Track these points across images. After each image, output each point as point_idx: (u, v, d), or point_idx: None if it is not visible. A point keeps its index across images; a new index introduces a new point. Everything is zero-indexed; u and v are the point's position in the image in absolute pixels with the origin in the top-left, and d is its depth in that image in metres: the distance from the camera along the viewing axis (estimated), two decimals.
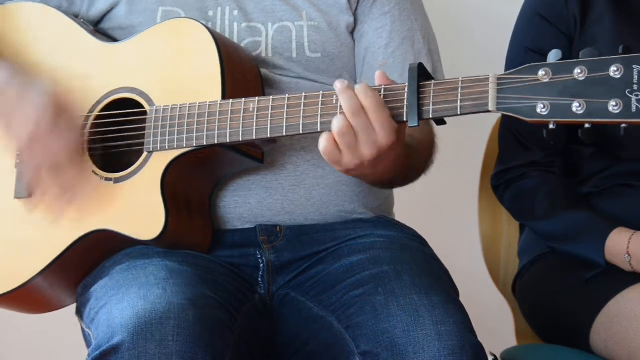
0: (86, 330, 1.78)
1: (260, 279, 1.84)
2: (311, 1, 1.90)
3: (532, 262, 2.12)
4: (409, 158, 1.76)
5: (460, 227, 2.66)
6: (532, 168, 2.09)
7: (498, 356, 2.05)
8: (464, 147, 2.61)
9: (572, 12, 2.04)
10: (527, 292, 2.13)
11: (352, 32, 1.93)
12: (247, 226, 1.84)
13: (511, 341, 2.22)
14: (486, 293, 2.37)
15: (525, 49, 2.07)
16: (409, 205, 2.19)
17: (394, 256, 1.78)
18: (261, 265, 1.84)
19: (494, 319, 2.37)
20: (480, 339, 1.66)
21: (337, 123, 1.61)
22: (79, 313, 1.83)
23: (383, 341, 1.63)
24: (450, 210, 2.81)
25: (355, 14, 1.93)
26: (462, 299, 1.74)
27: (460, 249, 2.56)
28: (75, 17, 1.93)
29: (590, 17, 2.04)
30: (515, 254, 2.22)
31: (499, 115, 2.16)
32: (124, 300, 1.63)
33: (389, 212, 1.99)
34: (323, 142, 1.63)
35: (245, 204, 1.84)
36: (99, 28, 1.94)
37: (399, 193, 2.04)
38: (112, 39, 1.91)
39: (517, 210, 2.13)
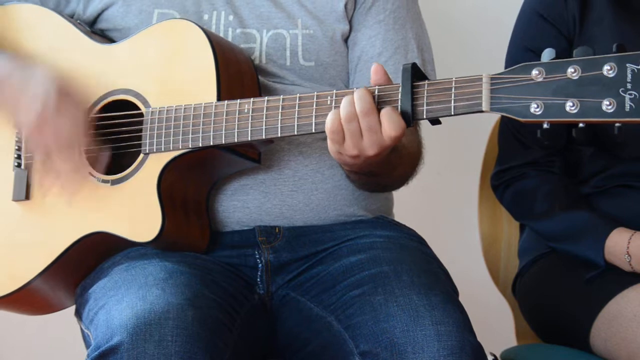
0: (85, 331, 1.78)
1: (259, 279, 1.84)
2: (307, 9, 1.90)
3: (532, 262, 2.12)
4: (399, 157, 1.76)
5: (460, 227, 2.66)
6: (532, 168, 2.08)
7: (498, 356, 2.05)
8: (464, 147, 2.61)
9: (572, 13, 2.04)
10: (527, 292, 2.13)
11: (346, 40, 1.93)
12: (245, 228, 1.85)
13: (511, 341, 2.22)
14: (486, 293, 2.37)
15: (524, 49, 2.07)
16: (409, 205, 2.19)
17: (393, 256, 1.77)
18: (259, 265, 1.84)
19: (494, 319, 2.37)
20: (480, 339, 1.66)
21: (345, 106, 1.60)
22: (78, 314, 1.83)
23: (382, 341, 1.63)
24: (450, 210, 2.81)
25: (350, 22, 1.92)
26: (462, 299, 1.74)
27: (460, 249, 2.56)
28: (71, 17, 1.94)
29: (590, 17, 2.03)
30: (515, 254, 2.22)
31: (498, 115, 2.17)
32: (123, 301, 1.63)
33: (389, 214, 1.99)
34: (331, 118, 1.61)
35: (244, 208, 1.84)
36: (94, 29, 1.94)
37: (398, 193, 2.04)
38: (108, 40, 1.91)
39: (516, 210, 2.13)
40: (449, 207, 2.82)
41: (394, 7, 1.93)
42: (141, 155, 1.78)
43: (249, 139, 1.70)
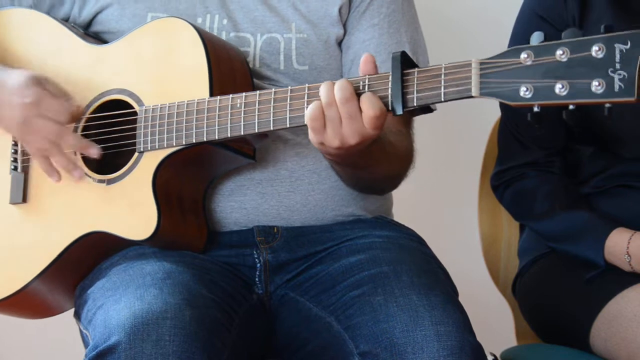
0: (84, 331, 1.78)
1: (257, 279, 1.84)
2: (302, 13, 1.90)
3: (532, 262, 2.12)
4: (383, 152, 1.76)
5: (460, 227, 2.66)
6: (532, 168, 2.08)
7: (498, 356, 2.05)
8: (463, 147, 2.61)
9: (571, 13, 2.03)
10: (527, 292, 2.12)
11: (340, 43, 1.92)
12: (243, 229, 1.85)
13: (511, 341, 2.22)
14: (486, 293, 2.37)
15: None
16: (409, 205, 2.19)
17: (392, 256, 1.77)
18: (258, 265, 1.84)
19: (494, 319, 2.37)
20: (480, 339, 1.66)
21: (324, 93, 1.60)
22: (77, 315, 1.84)
23: (382, 341, 1.63)
24: (450, 210, 2.81)
25: (344, 25, 1.92)
26: (462, 299, 1.74)
27: (460, 249, 2.56)
28: (65, 20, 1.94)
29: (590, 18, 2.03)
30: (515, 254, 2.22)
31: (499, 114, 2.17)
32: (121, 301, 1.63)
33: (388, 213, 1.99)
34: (311, 107, 1.61)
35: (241, 209, 1.84)
36: (88, 31, 1.95)
37: (398, 193, 2.04)
38: (102, 42, 1.92)
39: (516, 210, 2.13)
40: (449, 207, 2.82)
41: (389, 11, 1.92)
42: (136, 154, 1.79)
43: (242, 133, 1.70)
